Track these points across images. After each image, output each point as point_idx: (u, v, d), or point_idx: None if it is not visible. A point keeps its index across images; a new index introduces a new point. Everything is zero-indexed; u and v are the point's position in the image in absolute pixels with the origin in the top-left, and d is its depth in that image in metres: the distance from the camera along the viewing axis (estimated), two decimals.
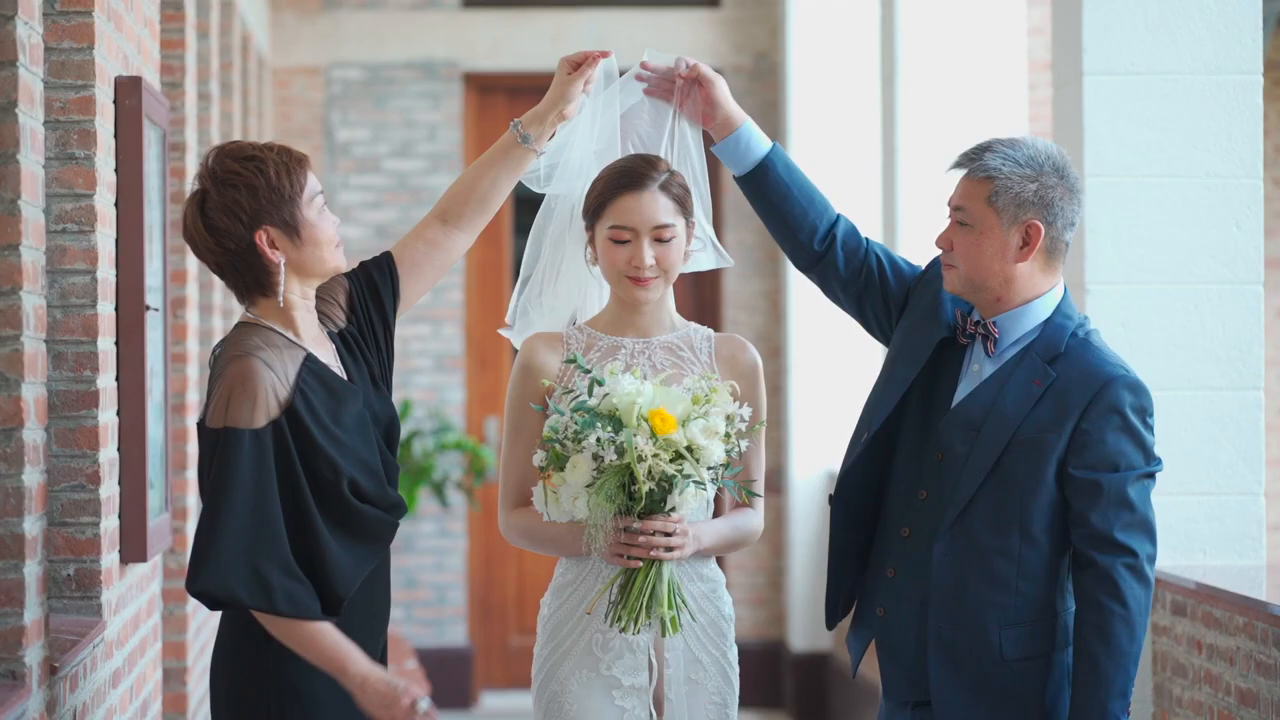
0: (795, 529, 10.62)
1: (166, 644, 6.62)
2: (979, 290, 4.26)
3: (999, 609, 4.21)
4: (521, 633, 11.08)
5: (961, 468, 4.24)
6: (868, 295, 4.50)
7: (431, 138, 10.99)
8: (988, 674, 4.22)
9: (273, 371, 3.94)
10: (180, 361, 6.70)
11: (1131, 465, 4.19)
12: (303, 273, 4.05)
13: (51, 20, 4.89)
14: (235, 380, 3.92)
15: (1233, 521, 5.65)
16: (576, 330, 4.48)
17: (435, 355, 10.97)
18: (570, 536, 4.33)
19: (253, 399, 3.91)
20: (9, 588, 4.07)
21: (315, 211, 4.04)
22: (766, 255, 11.03)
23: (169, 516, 5.83)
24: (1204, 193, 5.66)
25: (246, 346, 3.96)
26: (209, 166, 4.02)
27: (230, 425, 3.90)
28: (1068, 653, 4.24)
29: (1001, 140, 4.27)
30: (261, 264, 4.01)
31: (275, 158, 4.01)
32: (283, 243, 4.01)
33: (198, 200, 4.02)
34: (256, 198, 3.98)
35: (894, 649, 4.34)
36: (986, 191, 4.22)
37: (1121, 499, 4.17)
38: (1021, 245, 4.22)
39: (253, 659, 3.98)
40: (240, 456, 3.88)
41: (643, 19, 11.05)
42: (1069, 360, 4.22)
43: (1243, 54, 5.66)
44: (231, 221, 3.98)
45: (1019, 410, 4.21)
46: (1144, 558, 4.17)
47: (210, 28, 7.97)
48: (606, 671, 4.38)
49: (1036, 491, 4.20)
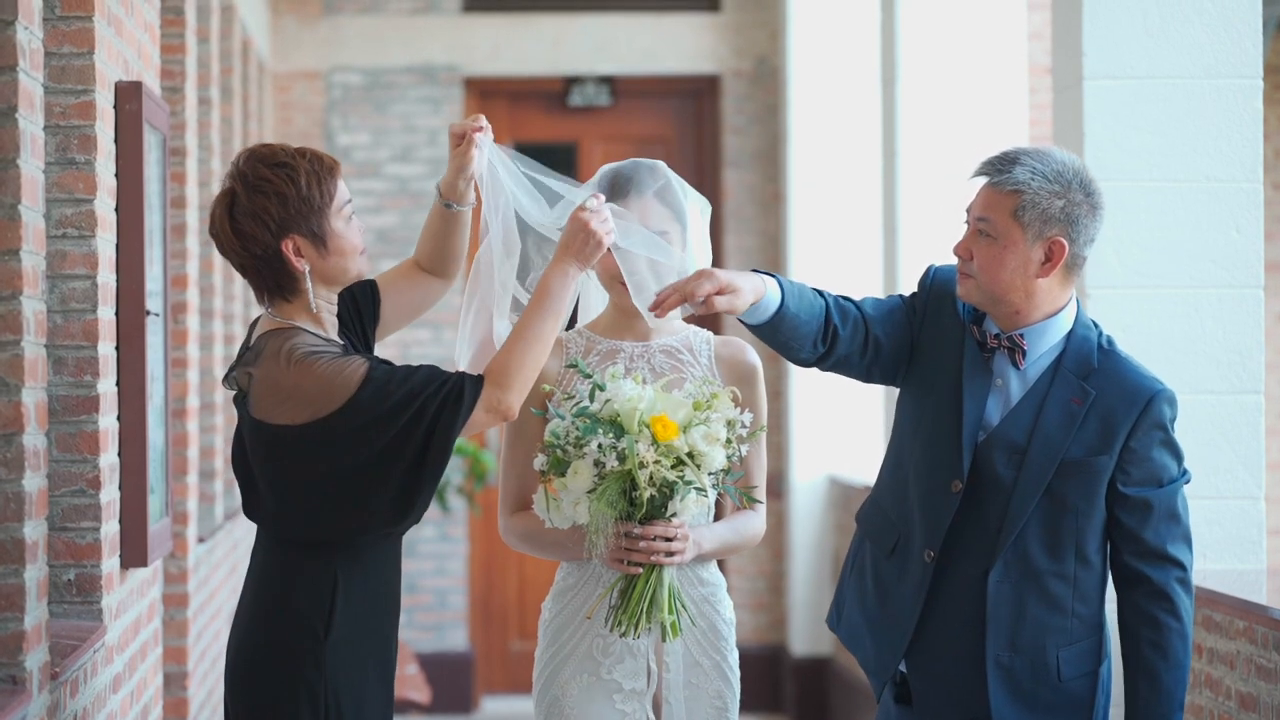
0: (796, 533, 10.62)
1: (167, 649, 6.62)
2: (997, 303, 4.22)
3: (1057, 632, 4.22)
4: (522, 637, 11.08)
5: (1010, 493, 4.20)
6: (878, 362, 4.35)
7: (432, 142, 10.99)
8: (1042, 694, 4.23)
9: (324, 350, 4.00)
10: (180, 366, 6.70)
11: (1173, 478, 4.23)
12: (327, 281, 4.07)
13: (52, 25, 4.90)
14: (307, 380, 3.95)
15: (1233, 525, 5.65)
16: (576, 334, 4.48)
17: (436, 360, 10.97)
18: (570, 541, 4.32)
19: (339, 367, 3.95)
20: (9, 593, 4.07)
21: (343, 221, 4.05)
22: (767, 260, 11.03)
23: (169, 521, 5.83)
24: (1204, 197, 5.66)
25: (284, 356, 3.98)
26: (240, 169, 4.02)
27: (347, 398, 3.94)
28: (1106, 665, 4.28)
29: (1029, 152, 4.20)
30: (286, 271, 4.03)
31: (308, 166, 4.02)
32: (309, 252, 4.02)
33: (227, 202, 4.02)
34: (286, 206, 3.99)
35: (937, 672, 4.30)
36: (1013, 205, 4.16)
37: (1171, 513, 4.21)
38: (1044, 261, 4.17)
39: (305, 651, 3.99)
40: (380, 395, 3.94)
41: (643, 23, 11.06)
42: (1104, 376, 4.21)
43: (1242, 58, 5.66)
44: (259, 228, 3.99)
45: (1063, 433, 4.18)
46: (1189, 569, 4.22)
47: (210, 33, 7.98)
48: (607, 676, 4.38)
49: (1090, 514, 4.20)
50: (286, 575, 4.03)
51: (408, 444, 3.95)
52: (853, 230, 10.37)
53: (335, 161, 4.09)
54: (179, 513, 6.71)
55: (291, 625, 4.00)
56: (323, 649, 3.99)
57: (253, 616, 4.06)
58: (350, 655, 4.01)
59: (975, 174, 4.24)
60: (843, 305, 4.31)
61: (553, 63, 11.07)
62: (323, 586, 4.01)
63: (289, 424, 3.96)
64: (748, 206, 11.10)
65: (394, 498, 3.99)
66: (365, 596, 4.04)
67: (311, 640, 3.99)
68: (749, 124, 11.09)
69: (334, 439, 3.94)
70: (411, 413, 3.95)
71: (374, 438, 3.95)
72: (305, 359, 3.96)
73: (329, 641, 4.00)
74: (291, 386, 3.95)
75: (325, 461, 3.96)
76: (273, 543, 4.08)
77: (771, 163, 11.06)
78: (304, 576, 4.02)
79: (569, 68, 11.08)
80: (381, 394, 3.95)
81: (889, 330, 4.33)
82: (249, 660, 4.04)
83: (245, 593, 4.14)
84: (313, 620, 3.99)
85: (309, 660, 3.98)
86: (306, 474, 3.98)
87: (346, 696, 4.00)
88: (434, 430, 3.97)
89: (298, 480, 3.99)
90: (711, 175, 11.12)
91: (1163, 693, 4.17)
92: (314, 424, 3.95)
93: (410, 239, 10.96)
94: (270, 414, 3.98)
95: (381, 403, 3.94)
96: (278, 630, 4.01)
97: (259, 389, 3.99)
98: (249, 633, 4.06)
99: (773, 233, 11.05)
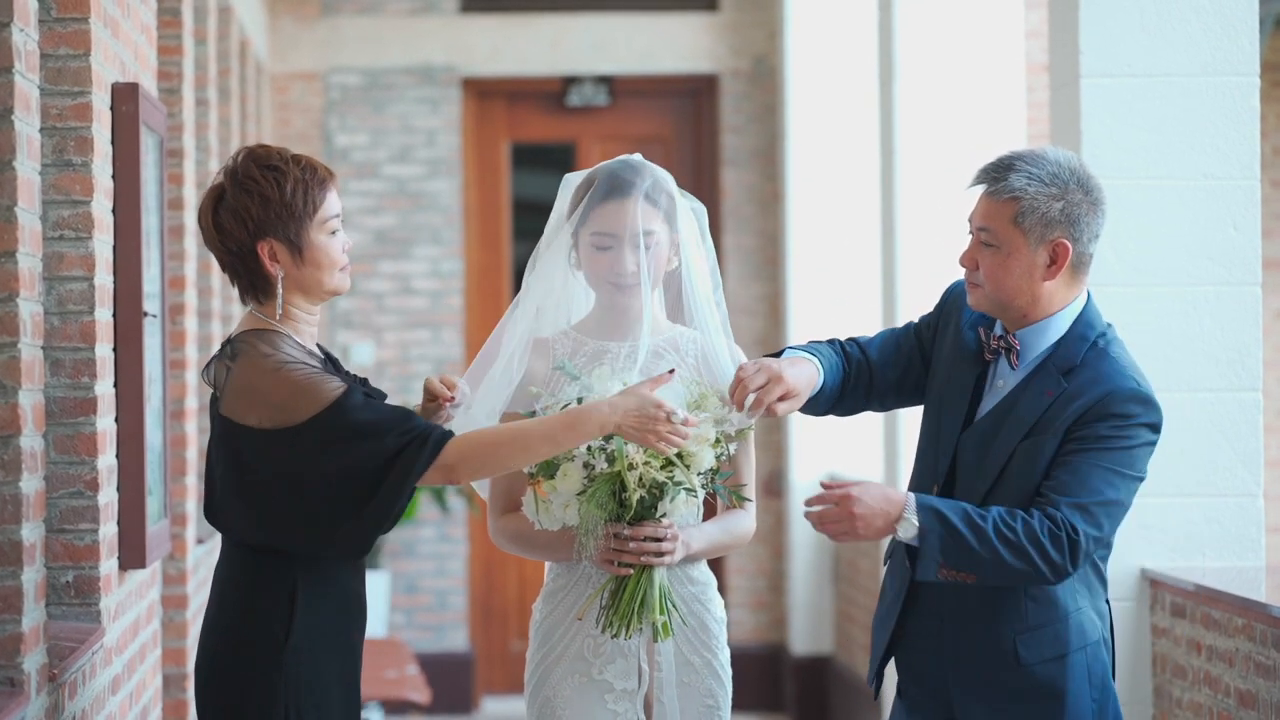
0: (795, 533, 10.61)
1: (166, 650, 6.62)
2: (1006, 309, 4.23)
3: (1011, 614, 4.19)
4: (522, 638, 11.08)
5: (973, 478, 4.23)
6: (877, 395, 4.46)
7: (430, 143, 10.99)
8: (1005, 680, 4.20)
9: (304, 361, 3.99)
10: (178, 367, 6.70)
11: (1114, 460, 4.13)
12: (303, 290, 4.07)
13: (48, 27, 4.89)
14: (281, 386, 3.95)
15: (1232, 523, 5.65)
16: (562, 334, 4.47)
17: (435, 360, 10.97)
18: (560, 541, 4.32)
19: (315, 381, 3.94)
20: (7, 594, 4.07)
21: (325, 234, 4.05)
22: (766, 259, 11.03)
23: (168, 523, 5.83)
24: (1201, 195, 5.66)
25: (264, 358, 3.98)
26: (234, 165, 4.04)
27: (317, 411, 3.92)
28: (1084, 653, 4.21)
29: (1024, 156, 4.20)
30: (260, 272, 4.04)
31: (298, 173, 4.02)
32: (284, 258, 4.03)
33: (215, 195, 4.05)
34: (267, 209, 4.00)
35: (918, 671, 4.33)
36: (1012, 212, 4.16)
37: (1098, 484, 4.10)
38: (1049, 264, 4.18)
39: (263, 657, 4.00)
40: (349, 416, 3.92)
41: (641, 23, 11.06)
42: (1084, 371, 4.18)
43: (1240, 56, 5.65)
44: (238, 226, 4.01)
45: (1027, 420, 4.19)
46: (1081, 540, 4.08)
47: (208, 34, 7.97)
48: (599, 676, 4.38)
49: (1034, 494, 4.18)
50: (247, 579, 4.04)
51: (362, 473, 3.93)
52: (851, 228, 10.37)
53: (330, 174, 4.08)
54: (177, 514, 6.71)
55: (251, 628, 4.01)
56: (282, 654, 3.99)
57: (215, 619, 4.07)
58: (311, 662, 4.01)
59: (972, 183, 4.25)
60: (853, 357, 4.44)
61: (551, 63, 11.07)
62: (282, 591, 4.01)
63: (254, 426, 3.96)
64: (746, 206, 11.09)
65: (338, 523, 3.97)
66: (326, 604, 4.04)
67: (270, 644, 3.99)
68: (747, 123, 11.09)
69: (293, 450, 3.94)
70: (371, 441, 3.93)
71: (331, 457, 3.93)
72: (284, 365, 3.96)
73: (289, 645, 3.99)
74: (264, 389, 3.96)
75: (280, 471, 3.95)
76: (231, 546, 4.09)
77: (770, 162, 11.06)
78: (264, 580, 4.02)
79: (567, 68, 11.07)
80: (348, 417, 3.94)
81: (891, 360, 4.44)
82: (211, 663, 4.05)
83: (210, 595, 4.15)
84: (272, 625, 4.00)
85: (269, 664, 3.99)
86: (263, 479, 3.98)
87: (308, 702, 4.00)
88: (392, 465, 3.94)
89: (251, 483, 3.99)
90: (710, 175, 11.12)
91: (963, 533, 4.07)
92: (277, 431, 3.95)
93: (409, 239, 10.97)
94: (238, 412, 3.98)
95: (346, 425, 3.93)
96: (239, 632, 4.02)
97: (233, 385, 4.00)
98: (211, 634, 4.07)
99: (771, 232, 11.05)
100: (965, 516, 4.09)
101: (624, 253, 4.35)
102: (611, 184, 4.37)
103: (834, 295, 10.42)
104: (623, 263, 4.35)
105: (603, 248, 4.37)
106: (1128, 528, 5.32)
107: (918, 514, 4.09)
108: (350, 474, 3.94)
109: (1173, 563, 5.64)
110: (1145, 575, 5.66)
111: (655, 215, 4.37)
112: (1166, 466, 5.62)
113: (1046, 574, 4.09)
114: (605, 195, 4.36)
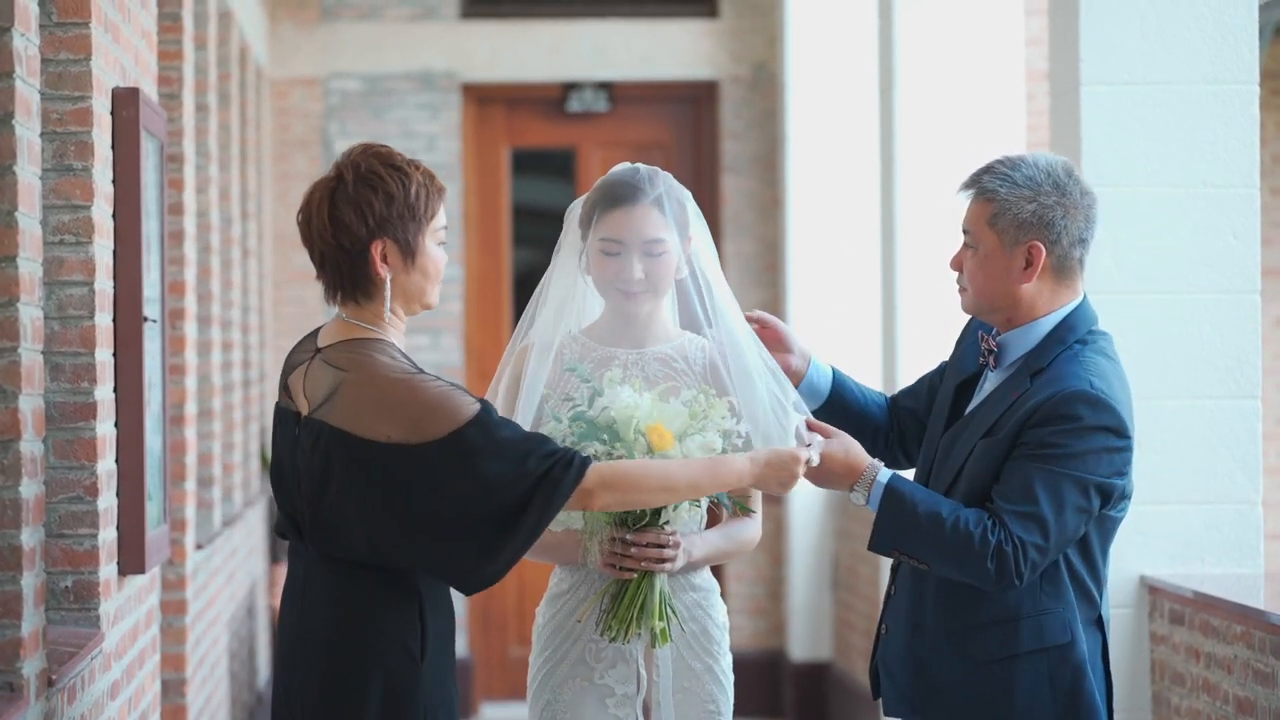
0: (795, 539, 10.62)
1: (165, 656, 6.62)
2: (989, 311, 4.25)
3: (961, 607, 4.18)
4: (521, 643, 11.08)
5: (941, 476, 4.26)
6: (922, 410, 4.60)
7: (430, 148, 11.00)
8: (957, 680, 4.19)
9: (429, 372, 3.90)
10: (178, 373, 6.70)
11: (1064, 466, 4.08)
12: (405, 297, 3.98)
13: (49, 32, 4.90)
14: (420, 395, 3.82)
15: (1230, 530, 5.66)
16: (571, 339, 4.48)
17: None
18: (566, 543, 4.33)
19: (451, 396, 3.83)
20: (6, 599, 4.06)
21: (435, 243, 3.99)
22: (766, 265, 11.04)
23: (167, 528, 5.83)
24: (1201, 202, 5.67)
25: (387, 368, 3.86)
26: (353, 159, 3.95)
27: (457, 426, 3.81)
28: (1044, 657, 4.15)
29: (1002, 160, 4.22)
30: (367, 273, 3.93)
31: (421, 177, 3.98)
32: (394, 260, 3.94)
33: (330, 186, 3.93)
34: (390, 206, 3.92)
35: (891, 669, 4.33)
36: (987, 214, 4.19)
37: (1026, 489, 4.07)
38: (1025, 266, 4.17)
39: (404, 676, 3.88)
40: (492, 433, 3.81)
41: (641, 29, 11.06)
42: (1047, 372, 4.15)
43: (1239, 64, 5.66)
44: (357, 220, 3.91)
45: (989, 419, 4.19)
46: (1025, 549, 4.05)
47: (208, 39, 7.98)
48: (600, 680, 4.39)
49: (986, 493, 4.15)
50: (370, 597, 3.88)
51: (505, 494, 3.81)
52: (851, 235, 10.38)
53: (444, 186, 4.04)
54: (177, 519, 6.71)
55: (387, 648, 3.87)
56: (420, 671, 3.88)
57: (333, 641, 3.89)
58: (439, 677, 3.93)
59: (959, 188, 4.27)
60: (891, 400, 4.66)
61: (551, 68, 11.07)
62: (411, 609, 3.89)
63: (379, 440, 3.82)
64: (746, 212, 11.10)
65: (480, 548, 3.83)
66: (441, 617, 3.96)
67: (409, 663, 3.88)
68: (747, 129, 11.10)
69: (424, 467, 3.80)
70: (513, 462, 3.82)
71: (469, 477, 3.80)
72: (413, 376, 3.85)
73: (425, 664, 3.89)
74: (395, 401, 3.82)
75: (406, 488, 3.80)
76: (334, 563, 3.91)
77: (770, 168, 11.06)
78: (392, 598, 3.88)
79: (567, 73, 11.08)
80: (491, 433, 3.81)
81: (911, 390, 4.63)
82: (338, 686, 3.88)
83: (308, 616, 3.94)
84: (408, 642, 3.88)
85: (409, 682, 3.87)
86: (383, 496, 3.82)
87: (442, 711, 3.92)
88: (537, 488, 3.82)
89: (368, 499, 3.82)
90: (710, 181, 11.12)
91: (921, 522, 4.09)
92: (407, 446, 3.80)
93: None
94: (359, 425, 3.83)
95: (488, 441, 3.81)
96: (373, 653, 3.87)
97: (351, 396, 3.86)
98: (333, 658, 3.89)
99: (771, 238, 11.06)
100: (930, 508, 4.11)
101: (631, 259, 4.36)
102: (620, 190, 4.38)
103: (834, 302, 10.42)
104: (630, 269, 4.36)
105: (610, 253, 4.38)
106: (1125, 534, 5.33)
107: (880, 492, 4.16)
108: (492, 494, 3.80)
109: (1171, 569, 5.64)
110: (1144, 582, 5.66)
111: (664, 224, 4.37)
112: (1165, 473, 5.63)
113: (990, 579, 4.06)
114: (614, 202, 4.37)
